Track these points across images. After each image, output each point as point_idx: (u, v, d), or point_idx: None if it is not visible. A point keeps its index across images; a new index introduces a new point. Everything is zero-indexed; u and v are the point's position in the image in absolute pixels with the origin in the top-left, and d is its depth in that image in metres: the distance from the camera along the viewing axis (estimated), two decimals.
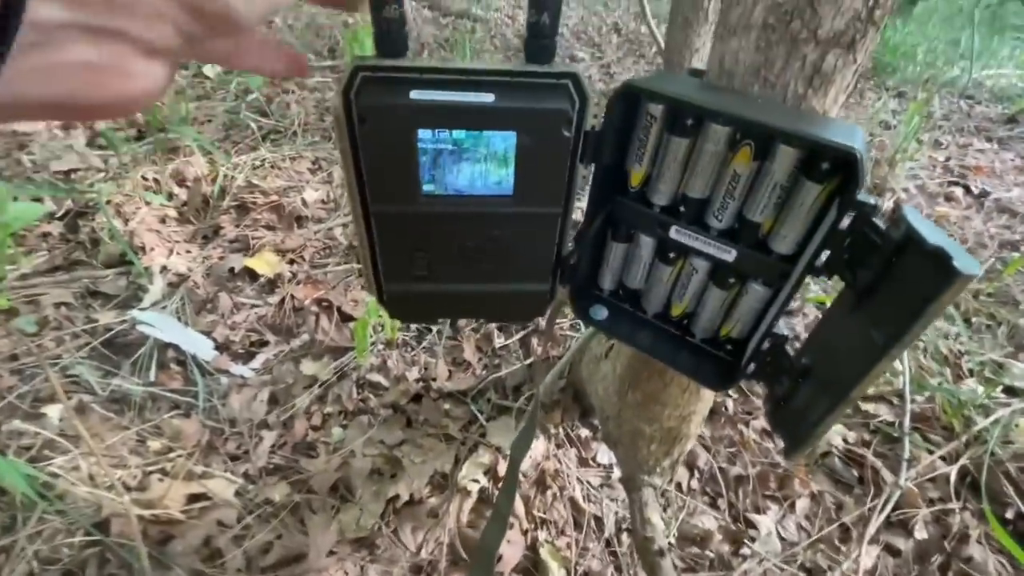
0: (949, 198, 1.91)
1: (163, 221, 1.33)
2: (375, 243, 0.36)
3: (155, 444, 0.89)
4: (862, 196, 0.29)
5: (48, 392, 0.92)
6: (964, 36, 3.90)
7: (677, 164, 0.36)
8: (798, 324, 1.37)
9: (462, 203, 0.34)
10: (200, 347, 1.02)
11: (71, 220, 1.30)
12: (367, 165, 0.32)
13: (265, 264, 1.22)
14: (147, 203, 1.35)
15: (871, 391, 1.24)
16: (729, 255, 0.37)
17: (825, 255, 0.31)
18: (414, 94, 0.29)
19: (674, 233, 0.38)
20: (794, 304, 1.43)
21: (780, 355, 0.36)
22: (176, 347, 1.02)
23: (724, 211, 0.36)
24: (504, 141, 0.32)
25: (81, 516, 0.77)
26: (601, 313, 0.46)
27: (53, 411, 0.88)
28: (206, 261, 1.24)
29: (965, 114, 2.95)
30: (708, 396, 0.55)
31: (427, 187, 0.33)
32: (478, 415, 1.02)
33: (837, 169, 0.31)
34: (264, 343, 1.09)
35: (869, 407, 1.20)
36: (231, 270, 1.20)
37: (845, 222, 0.30)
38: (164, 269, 1.18)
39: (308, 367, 1.03)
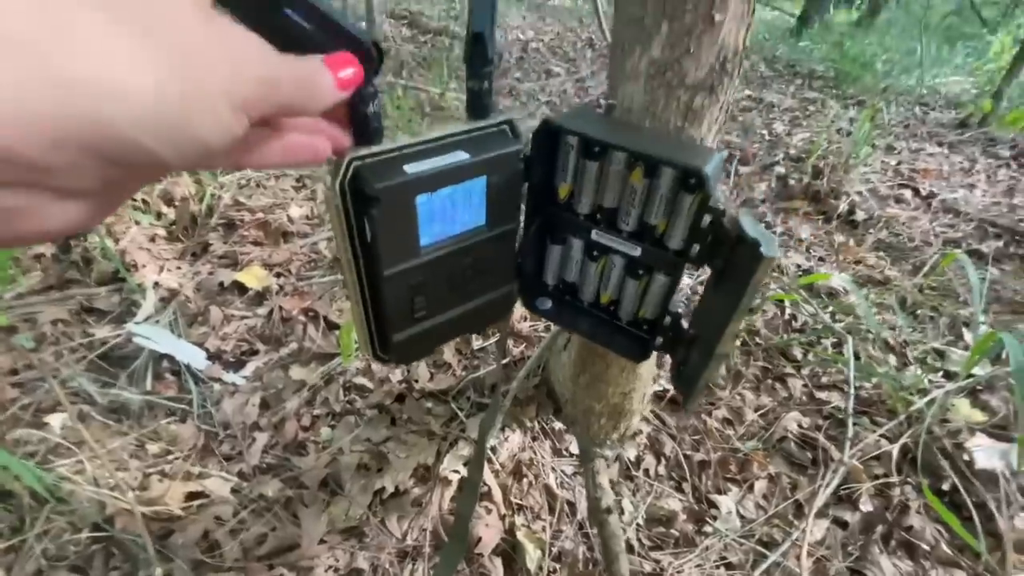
0: (899, 200, 2.04)
1: (153, 240, 1.39)
2: (383, 303, 0.41)
3: (153, 448, 0.94)
4: (712, 203, 0.38)
5: (49, 403, 0.97)
6: (920, 46, 4.10)
7: (592, 181, 0.45)
8: (758, 320, 1.46)
9: (451, 243, 0.42)
10: (193, 357, 1.08)
11: (63, 242, 1.35)
12: (378, 239, 0.37)
13: (254, 278, 1.28)
14: (136, 223, 1.41)
15: (825, 380, 1.34)
16: (636, 251, 0.46)
17: (696, 248, 0.40)
18: (408, 168, 0.36)
19: (595, 235, 0.47)
20: (756, 302, 1.53)
21: (677, 328, 0.45)
22: (170, 358, 1.08)
23: (629, 217, 0.45)
24: (478, 185, 0.40)
25: (86, 514, 0.82)
26: (545, 304, 0.54)
27: (55, 420, 0.94)
28: (196, 277, 1.30)
29: (919, 120, 3.11)
30: (644, 375, 0.63)
31: (424, 240, 0.40)
32: (458, 412, 1.09)
33: (702, 186, 0.40)
34: (254, 352, 1.15)
35: (822, 395, 1.29)
36: (220, 284, 1.26)
37: (706, 223, 0.39)
38: (156, 285, 1.24)
39: (297, 372, 1.10)
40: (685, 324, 0.44)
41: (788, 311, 1.52)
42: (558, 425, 1.14)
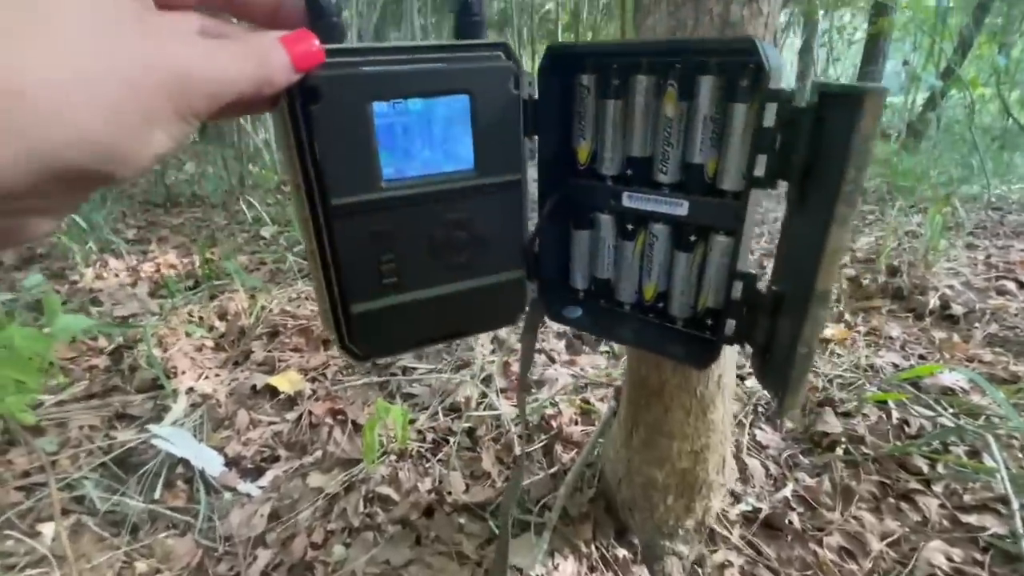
0: (1001, 292, 1.80)
1: (199, 350, 1.40)
2: (336, 249, 0.33)
3: (142, 566, 0.81)
4: (774, 85, 0.28)
5: (50, 511, 0.89)
6: (975, 159, 4.04)
7: (616, 126, 0.37)
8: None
9: (425, 184, 0.33)
10: (209, 462, 0.99)
11: (117, 354, 1.39)
12: (322, 150, 0.30)
13: (287, 382, 1.23)
14: (187, 335, 1.43)
15: (968, 499, 1.04)
16: (682, 208, 0.35)
17: (764, 161, 0.30)
18: (364, 68, 0.30)
19: (627, 200, 0.38)
20: (852, 404, 1.29)
21: (753, 295, 0.32)
22: (186, 463, 1.00)
23: (668, 162, 0.36)
24: (460, 107, 0.33)
25: None
26: (575, 312, 0.43)
27: (48, 529, 0.84)
28: (233, 383, 1.26)
29: (996, 222, 2.92)
30: (719, 423, 0.47)
31: (387, 171, 0.33)
32: (497, 532, 0.90)
33: (757, 85, 0.31)
34: (276, 459, 1.05)
35: (971, 519, 0.99)
36: (253, 388, 1.21)
37: (770, 121, 0.29)
38: (190, 390, 1.21)
39: (315, 479, 0.97)
40: (761, 286, 0.32)
41: (895, 415, 1.26)
42: (622, 552, 0.91)
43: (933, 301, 1.74)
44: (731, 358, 0.49)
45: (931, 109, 5.91)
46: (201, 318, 1.55)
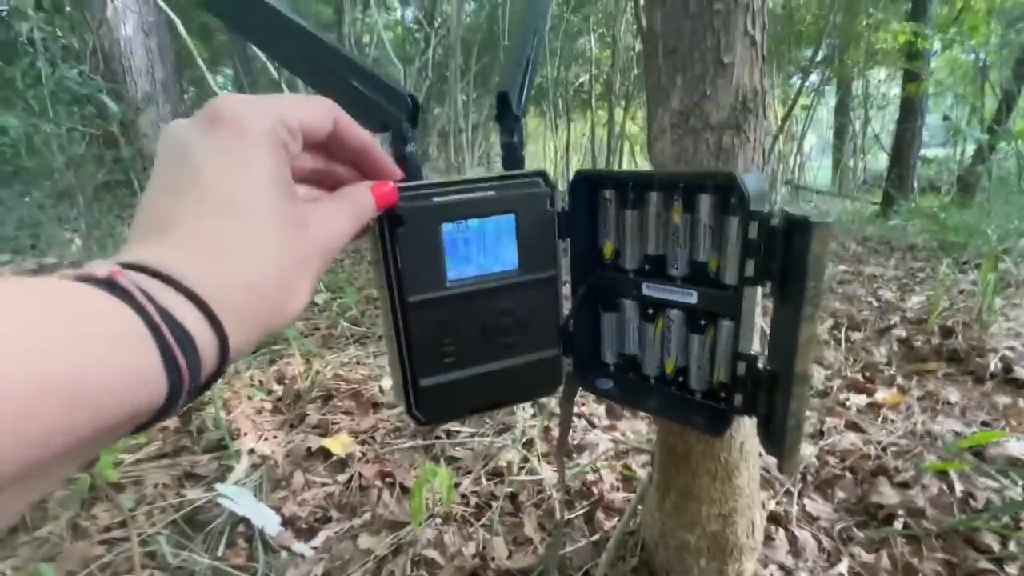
0: None
1: (259, 412, 1.50)
2: (409, 335, 0.42)
3: None
4: (755, 207, 0.35)
5: (128, 565, 0.96)
6: None
7: (634, 231, 0.45)
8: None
9: (481, 282, 0.42)
10: (268, 522, 1.05)
11: (186, 416, 1.50)
12: (403, 260, 0.40)
13: (339, 444, 1.30)
14: (248, 398, 1.54)
15: None
16: (692, 297, 0.42)
17: (752, 265, 0.36)
18: (435, 199, 0.40)
19: (646, 289, 0.45)
20: (909, 474, 1.23)
21: (754, 373, 0.37)
22: (247, 522, 1.06)
23: (678, 259, 0.43)
24: (507, 223, 0.42)
25: None
26: (606, 384, 0.48)
27: None
28: (289, 445, 1.34)
29: None
30: (746, 488, 0.50)
31: (451, 273, 0.42)
32: None
33: (743, 204, 0.38)
34: (328, 519, 1.10)
35: None
36: (308, 450, 1.29)
37: (753, 234, 0.36)
38: (251, 451, 1.29)
39: (365, 541, 1.01)
40: (761, 365, 0.37)
41: (959, 486, 1.20)
42: None
43: (994, 363, 1.67)
44: (752, 427, 0.52)
45: (980, 162, 5.76)
46: (261, 382, 1.66)
